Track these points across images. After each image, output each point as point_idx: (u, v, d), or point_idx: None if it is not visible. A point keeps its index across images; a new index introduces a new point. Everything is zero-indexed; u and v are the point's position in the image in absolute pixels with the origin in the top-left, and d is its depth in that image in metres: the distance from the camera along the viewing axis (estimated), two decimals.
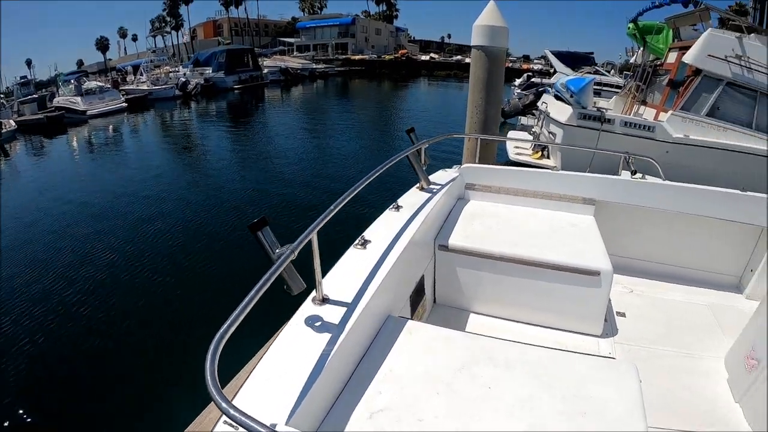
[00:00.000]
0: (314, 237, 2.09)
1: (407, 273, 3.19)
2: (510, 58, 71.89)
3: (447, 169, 4.68)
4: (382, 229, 3.12)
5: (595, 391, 2.18)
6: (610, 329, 3.99)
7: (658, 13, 13.61)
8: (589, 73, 21.59)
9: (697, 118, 11.23)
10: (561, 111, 11.46)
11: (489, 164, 5.19)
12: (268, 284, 1.75)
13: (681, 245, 5.01)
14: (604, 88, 20.54)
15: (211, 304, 7.14)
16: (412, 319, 3.21)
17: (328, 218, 2.27)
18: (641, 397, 2.22)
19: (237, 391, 1.70)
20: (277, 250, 1.92)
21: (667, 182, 4.92)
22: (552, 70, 24.66)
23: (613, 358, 3.47)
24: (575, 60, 24.30)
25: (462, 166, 4.77)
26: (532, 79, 28.13)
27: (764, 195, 4.82)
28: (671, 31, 13.63)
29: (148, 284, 8.11)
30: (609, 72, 29.23)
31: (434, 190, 3.99)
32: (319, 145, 21.05)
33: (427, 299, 3.68)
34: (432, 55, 78.86)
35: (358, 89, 51.79)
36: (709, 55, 11.17)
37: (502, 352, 2.40)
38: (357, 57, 70.89)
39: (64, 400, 5.64)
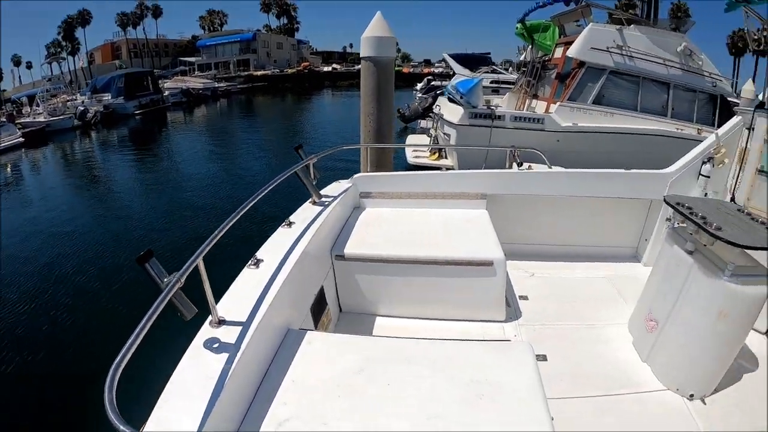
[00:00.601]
0: (200, 262, 2.12)
1: (304, 286, 3.24)
2: (411, 63, 73.44)
3: (341, 181, 4.73)
4: (274, 246, 3.15)
5: (492, 374, 2.30)
6: (513, 313, 4.17)
7: (543, 12, 14.42)
8: (487, 72, 22.56)
9: (584, 106, 12.03)
10: (453, 112, 11.86)
11: (386, 171, 5.36)
12: (157, 313, 1.78)
13: (577, 226, 5.30)
14: (503, 86, 21.38)
15: (113, 336, 6.81)
16: (316, 329, 3.27)
17: (213, 243, 2.29)
18: (537, 372, 2.35)
19: (145, 420, 1.71)
20: (165, 279, 1.95)
21: (555, 170, 5.27)
22: (452, 73, 25.41)
23: (509, 341, 3.65)
24: (473, 61, 25.22)
25: (355, 176, 4.82)
26: (433, 83, 28.98)
27: (648, 171, 5.21)
28: (557, 28, 14.46)
29: (55, 320, 7.79)
30: (507, 70, 30.47)
31: (327, 203, 4.04)
32: (222, 168, 20.54)
33: (331, 309, 3.73)
34: (334, 65, 79.27)
35: (262, 106, 51.11)
36: (592, 48, 12.02)
37: (400, 350, 2.49)
38: (259, 73, 69.77)
39: None
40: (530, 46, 15.06)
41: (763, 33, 5.41)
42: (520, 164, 5.40)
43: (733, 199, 5.01)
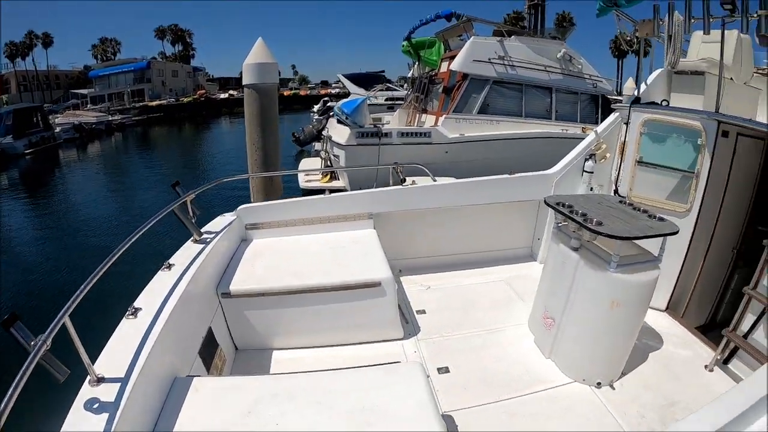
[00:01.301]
0: (67, 320, 2.03)
1: (189, 330, 3.07)
2: (309, 85, 73.35)
3: (225, 214, 4.54)
4: (153, 292, 2.97)
5: (382, 400, 2.26)
6: (412, 329, 4.16)
7: (428, 29, 14.87)
8: (381, 90, 22.73)
9: (470, 117, 12.45)
10: (341, 133, 11.86)
11: (276, 199, 5.24)
12: (25, 378, 1.73)
13: (471, 233, 5.39)
14: (398, 102, 21.44)
15: None
16: (209, 372, 3.13)
17: (80, 299, 2.17)
18: (429, 391, 2.33)
19: None
20: (32, 342, 1.86)
21: (442, 182, 5.29)
22: (349, 93, 25.46)
23: (398, 362, 3.57)
24: (367, 80, 25.36)
25: (239, 209, 4.64)
26: (329, 104, 28.70)
27: (533, 173, 5.43)
28: (441, 43, 14.89)
29: None
30: (402, 86, 30.72)
31: (209, 240, 3.88)
32: (118, 208, 19.45)
33: (224, 350, 3.54)
34: (231, 92, 76.51)
35: (159, 138, 49.17)
36: (474, 60, 12.43)
37: (291, 387, 2.42)
38: (155, 103, 66.60)
39: None
40: (417, 63, 15.45)
41: (635, 34, 5.57)
42: (403, 180, 5.43)
43: (616, 191, 5.29)
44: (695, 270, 5.18)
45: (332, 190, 10.90)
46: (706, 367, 4.13)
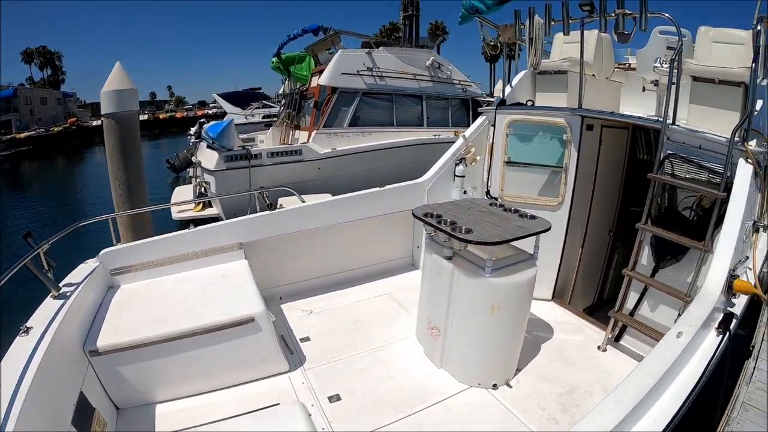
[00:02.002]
0: None
1: (56, 400, 2.79)
2: (186, 107, 70.65)
3: (89, 261, 4.20)
4: (9, 365, 2.63)
5: None
6: (298, 360, 4.04)
7: (297, 44, 14.81)
8: (258, 107, 22.32)
9: (341, 130, 12.43)
10: (210, 158, 11.36)
11: (146, 236, 4.92)
12: None
13: (350, 250, 5.38)
14: (275, 119, 21.00)
15: None
16: None
17: None
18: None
19: None
20: None
21: (312, 203, 5.20)
22: (225, 113, 24.72)
23: (277, 404, 3.41)
24: (244, 98, 24.82)
25: (101, 253, 4.31)
26: (205, 126, 27.39)
27: (404, 183, 5.53)
28: (311, 58, 14.86)
29: None
30: (280, 102, 29.89)
31: (70, 293, 3.54)
32: None
33: (102, 413, 3.25)
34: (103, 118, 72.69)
35: (30, 174, 45.15)
36: (342, 73, 12.46)
37: None
38: (23, 135, 61.42)
39: None
40: (288, 79, 15.34)
41: (499, 39, 5.79)
42: (270, 205, 5.24)
43: (488, 192, 5.47)
44: (575, 257, 5.49)
45: (206, 220, 10.50)
46: (599, 347, 4.34)
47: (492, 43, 6.26)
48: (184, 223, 10.30)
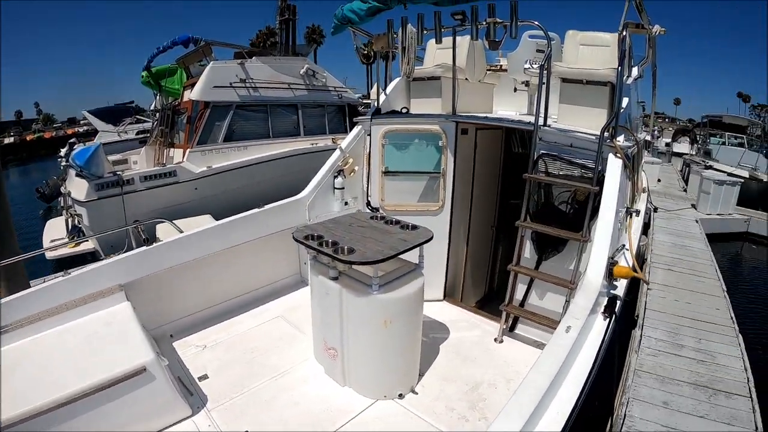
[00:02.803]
0: None
1: None
2: (55, 125, 65.05)
3: None
4: None
5: None
6: (199, 401, 3.82)
7: (167, 56, 14.30)
8: (131, 123, 21.20)
9: (216, 146, 12.14)
10: (79, 187, 10.38)
11: (22, 288, 4.36)
12: None
13: (239, 274, 5.24)
14: (149, 135, 20.05)
15: None
16: None
17: None
18: None
19: None
20: None
21: (191, 232, 4.94)
22: (96, 131, 22.90)
23: None
24: (116, 114, 23.23)
25: None
26: (76, 146, 25.42)
27: (284, 201, 5.47)
28: (183, 70, 14.44)
29: None
30: (155, 116, 28.17)
31: None
32: None
33: None
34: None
35: None
36: (215, 86, 12.21)
37: None
38: None
39: None
40: (159, 93, 14.78)
41: (372, 48, 5.92)
42: (146, 240, 4.85)
43: (369, 203, 5.55)
44: (462, 255, 5.77)
45: (83, 256, 9.79)
46: (495, 340, 4.54)
47: (365, 52, 6.47)
48: (61, 262, 9.45)
